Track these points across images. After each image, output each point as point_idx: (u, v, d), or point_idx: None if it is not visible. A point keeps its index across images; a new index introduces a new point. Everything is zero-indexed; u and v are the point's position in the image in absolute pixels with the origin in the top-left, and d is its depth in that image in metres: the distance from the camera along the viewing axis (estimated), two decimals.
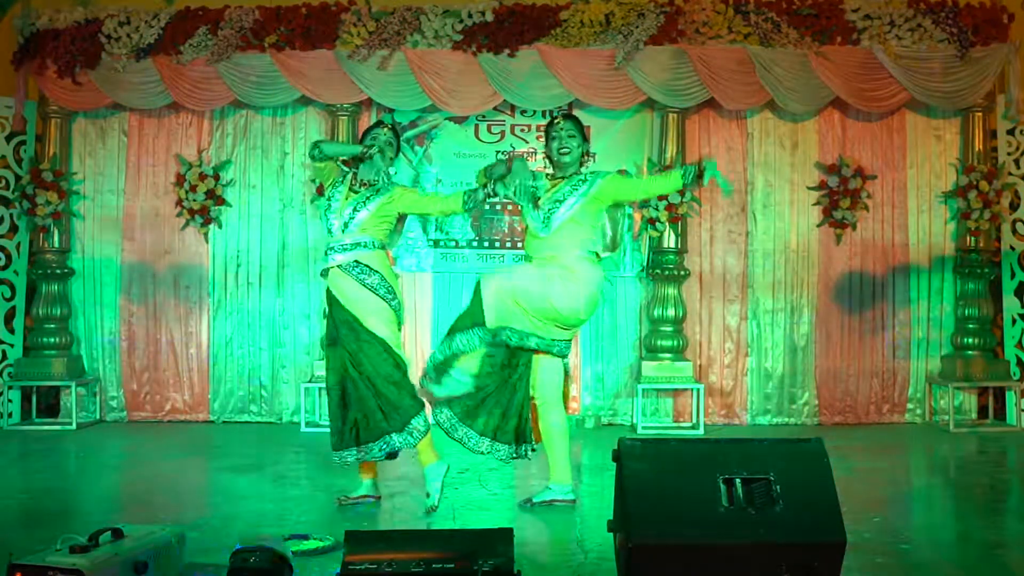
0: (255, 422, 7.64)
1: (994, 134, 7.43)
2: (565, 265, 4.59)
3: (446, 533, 3.71)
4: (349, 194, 4.73)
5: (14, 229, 7.61)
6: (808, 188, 7.52)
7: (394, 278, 4.71)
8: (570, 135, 4.79)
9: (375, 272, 4.61)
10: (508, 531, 3.33)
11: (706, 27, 7.12)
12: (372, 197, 4.69)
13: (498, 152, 7.38)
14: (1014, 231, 7.37)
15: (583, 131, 4.90)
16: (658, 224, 7.23)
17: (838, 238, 7.49)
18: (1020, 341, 7.36)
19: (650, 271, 7.40)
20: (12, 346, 7.61)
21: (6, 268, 7.57)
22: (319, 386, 6.91)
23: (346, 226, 4.65)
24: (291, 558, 3.50)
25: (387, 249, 4.79)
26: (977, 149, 7.36)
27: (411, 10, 7.21)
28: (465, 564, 3.15)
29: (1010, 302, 7.38)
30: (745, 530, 3.07)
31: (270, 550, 3.32)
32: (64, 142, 7.72)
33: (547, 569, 3.73)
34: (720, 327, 7.57)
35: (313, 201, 7.49)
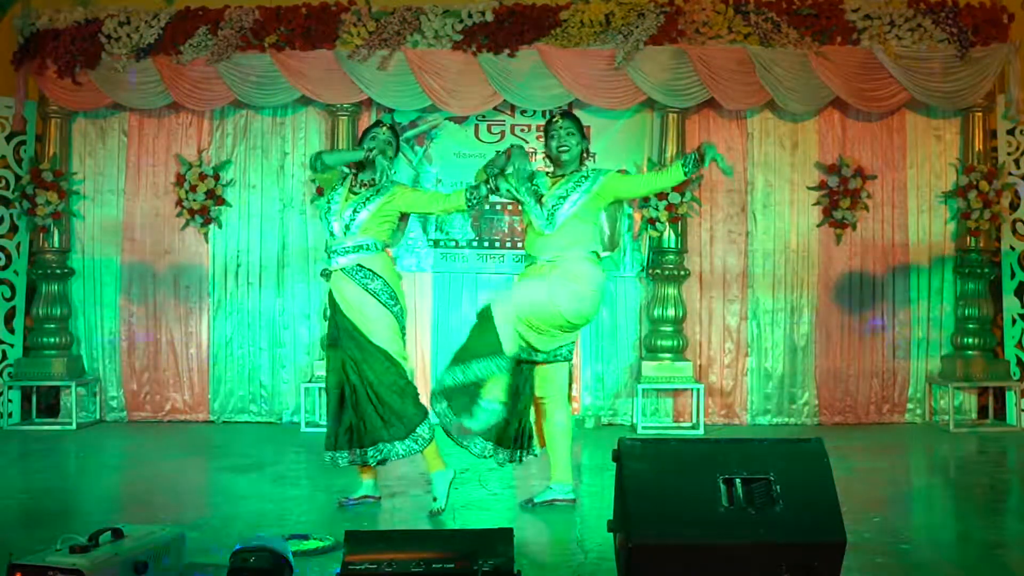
0: (255, 422, 7.63)
1: (994, 134, 7.43)
2: (567, 267, 4.57)
3: (446, 533, 3.72)
4: (349, 195, 4.70)
5: (14, 229, 7.61)
6: (808, 188, 7.52)
7: (397, 281, 4.68)
8: (569, 133, 4.78)
9: (378, 277, 4.58)
10: (508, 531, 3.33)
11: (706, 27, 7.12)
12: (372, 197, 4.65)
13: (498, 152, 7.35)
14: (1014, 231, 7.37)
15: (582, 129, 4.88)
16: (658, 224, 7.23)
17: (838, 238, 7.49)
18: (1020, 341, 7.36)
19: (650, 271, 7.40)
20: (12, 346, 7.61)
21: (6, 268, 7.57)
22: (319, 386, 6.91)
23: (347, 228, 4.62)
24: (291, 558, 3.49)
25: (389, 248, 4.77)
26: (977, 149, 7.35)
27: (411, 10, 7.21)
28: (465, 564, 3.15)
29: (1010, 302, 7.38)
30: (745, 530, 3.07)
31: (270, 550, 3.32)
32: (64, 142, 7.71)
33: (547, 569, 3.73)
34: (720, 327, 7.57)
35: (313, 201, 7.48)
